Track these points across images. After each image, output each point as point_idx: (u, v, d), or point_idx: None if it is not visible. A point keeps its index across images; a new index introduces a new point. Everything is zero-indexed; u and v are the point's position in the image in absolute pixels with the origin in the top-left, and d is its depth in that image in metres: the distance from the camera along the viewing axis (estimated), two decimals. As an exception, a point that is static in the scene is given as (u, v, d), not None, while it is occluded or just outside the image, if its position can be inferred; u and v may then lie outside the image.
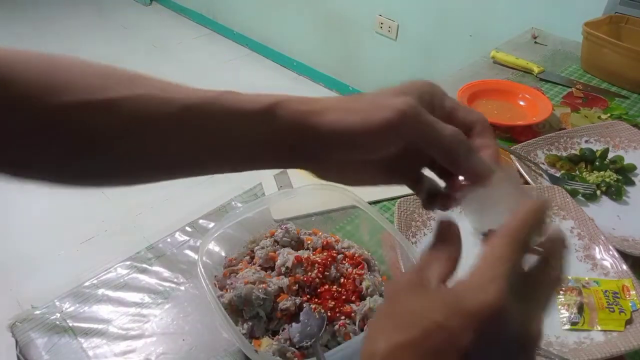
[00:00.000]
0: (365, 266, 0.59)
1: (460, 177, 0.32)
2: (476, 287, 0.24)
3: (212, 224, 0.71)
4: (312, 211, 0.70)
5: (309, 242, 0.62)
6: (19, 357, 0.57)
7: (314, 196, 0.64)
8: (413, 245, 0.64)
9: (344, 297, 0.55)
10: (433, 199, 0.33)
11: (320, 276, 0.56)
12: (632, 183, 0.79)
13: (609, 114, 0.98)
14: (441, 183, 0.34)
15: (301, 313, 0.53)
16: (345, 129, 0.28)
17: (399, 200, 0.69)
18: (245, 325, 0.53)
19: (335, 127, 0.29)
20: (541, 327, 0.25)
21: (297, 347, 0.51)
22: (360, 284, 0.57)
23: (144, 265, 0.66)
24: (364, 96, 0.30)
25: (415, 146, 0.29)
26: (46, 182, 0.29)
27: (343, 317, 0.53)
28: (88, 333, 0.57)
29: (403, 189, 0.75)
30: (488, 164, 0.30)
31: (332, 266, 0.58)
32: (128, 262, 0.66)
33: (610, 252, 0.62)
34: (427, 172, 0.34)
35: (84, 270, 1.25)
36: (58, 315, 0.59)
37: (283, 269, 0.57)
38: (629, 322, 0.55)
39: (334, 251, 0.60)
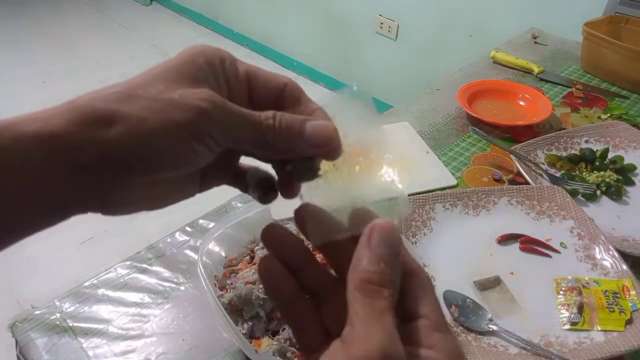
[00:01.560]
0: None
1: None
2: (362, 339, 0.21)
3: (212, 224, 0.71)
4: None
5: (309, 242, 0.62)
6: (19, 357, 0.57)
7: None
8: (413, 245, 0.65)
9: (344, 297, 0.55)
10: (269, 189, 0.28)
11: (320, 276, 0.56)
12: (632, 183, 0.79)
13: (609, 114, 0.98)
14: (269, 168, 0.28)
15: (301, 313, 0.53)
16: (141, 142, 0.21)
17: (399, 200, 0.69)
18: (245, 325, 0.53)
19: (127, 142, 0.21)
20: None
21: (297, 347, 0.51)
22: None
23: (144, 265, 0.66)
24: (141, 90, 0.23)
25: (227, 145, 0.24)
26: None
27: (343, 317, 0.53)
28: (88, 333, 0.57)
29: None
30: (326, 128, 0.25)
31: (332, 266, 0.58)
32: (128, 262, 0.66)
33: (610, 252, 0.62)
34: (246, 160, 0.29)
35: (84, 270, 1.25)
36: (58, 315, 0.59)
37: (283, 269, 0.57)
38: (629, 322, 0.55)
39: (334, 251, 0.60)
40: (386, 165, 0.26)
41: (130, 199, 0.24)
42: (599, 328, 0.55)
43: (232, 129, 0.23)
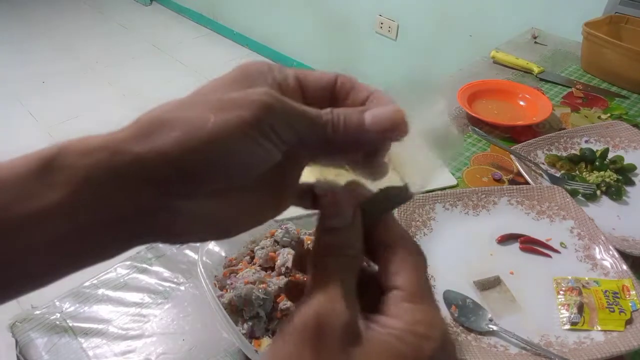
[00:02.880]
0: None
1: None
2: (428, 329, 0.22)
3: (212, 224, 0.71)
4: (313, 211, 0.70)
5: (309, 242, 0.62)
6: (18, 357, 0.57)
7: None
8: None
9: (344, 297, 0.55)
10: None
11: (320, 276, 0.56)
12: (632, 183, 0.79)
13: (609, 114, 0.98)
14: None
15: (301, 313, 0.53)
16: (204, 142, 0.20)
17: (399, 200, 0.69)
18: (245, 325, 0.53)
19: (184, 147, 0.20)
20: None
21: None
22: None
23: (144, 265, 0.66)
24: (201, 97, 0.23)
25: (291, 144, 0.23)
26: None
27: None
28: (88, 333, 0.57)
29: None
30: (388, 112, 0.24)
31: (332, 266, 0.57)
32: (128, 262, 0.66)
33: (610, 252, 0.62)
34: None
35: (84, 270, 1.25)
36: (58, 315, 0.59)
37: (283, 269, 0.57)
38: (629, 322, 0.55)
39: (334, 251, 0.60)
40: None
41: (199, 219, 0.22)
42: (599, 328, 0.55)
43: (294, 123, 0.22)
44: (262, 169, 0.23)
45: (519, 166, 0.78)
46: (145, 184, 0.20)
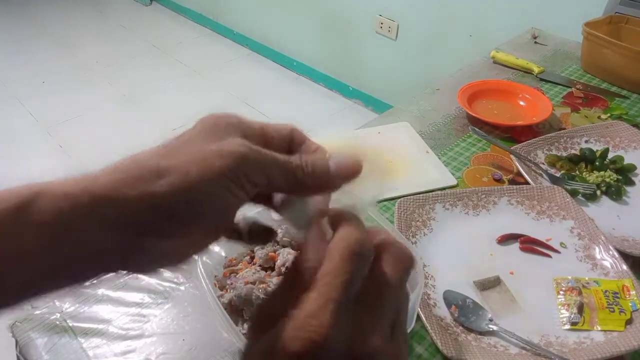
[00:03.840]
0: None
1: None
2: (297, 327, 0.22)
3: (212, 224, 0.71)
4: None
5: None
6: (18, 357, 0.57)
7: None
8: (413, 245, 0.65)
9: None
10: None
11: (320, 276, 0.56)
12: (632, 183, 0.79)
13: (609, 114, 0.98)
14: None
15: (301, 313, 0.53)
16: (188, 190, 0.23)
17: (399, 200, 0.69)
18: (245, 325, 0.53)
19: (176, 192, 0.23)
20: (377, 342, 0.23)
21: None
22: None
23: (144, 265, 0.66)
24: (179, 147, 0.25)
25: (262, 187, 0.26)
26: None
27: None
28: (88, 333, 0.57)
29: (404, 189, 0.75)
30: (352, 162, 0.28)
31: (332, 266, 0.57)
32: (128, 262, 0.66)
33: (610, 252, 0.62)
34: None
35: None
36: (58, 315, 0.59)
37: (283, 269, 0.57)
38: (629, 322, 0.55)
39: (334, 251, 0.60)
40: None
41: (162, 255, 0.24)
42: (599, 328, 0.55)
43: (267, 168, 0.25)
44: (233, 211, 0.26)
45: (519, 166, 0.78)
46: (125, 225, 0.22)
